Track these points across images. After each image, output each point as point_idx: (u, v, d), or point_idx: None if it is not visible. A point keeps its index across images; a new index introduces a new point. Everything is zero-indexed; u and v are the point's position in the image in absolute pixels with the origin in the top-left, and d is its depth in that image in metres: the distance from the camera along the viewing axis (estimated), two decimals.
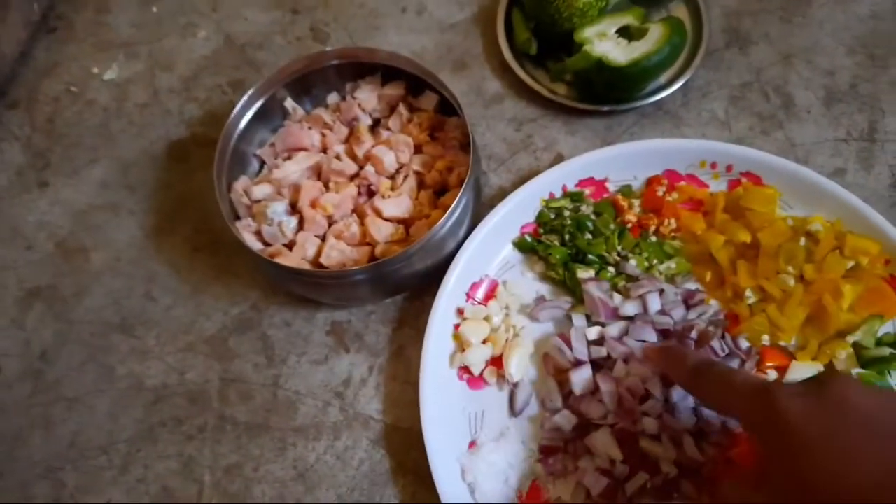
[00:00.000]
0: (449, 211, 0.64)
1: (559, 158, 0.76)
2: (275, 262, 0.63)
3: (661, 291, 0.65)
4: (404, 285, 0.70)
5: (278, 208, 0.68)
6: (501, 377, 0.66)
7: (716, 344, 0.62)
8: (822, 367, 0.63)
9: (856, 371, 0.62)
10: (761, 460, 0.48)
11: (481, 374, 0.66)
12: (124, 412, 0.69)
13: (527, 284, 0.70)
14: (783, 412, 0.44)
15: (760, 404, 0.46)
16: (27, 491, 0.66)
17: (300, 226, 0.69)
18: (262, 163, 0.76)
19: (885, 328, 0.64)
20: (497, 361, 0.67)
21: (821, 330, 0.64)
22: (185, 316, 0.73)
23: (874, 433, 0.42)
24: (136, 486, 0.66)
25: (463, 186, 0.64)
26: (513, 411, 0.65)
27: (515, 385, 0.65)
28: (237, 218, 0.70)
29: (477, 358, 0.65)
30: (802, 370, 0.63)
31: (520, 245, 0.71)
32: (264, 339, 0.71)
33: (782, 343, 0.65)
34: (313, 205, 0.69)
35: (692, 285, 0.68)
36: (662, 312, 0.64)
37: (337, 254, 0.67)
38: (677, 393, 0.60)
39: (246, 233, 0.68)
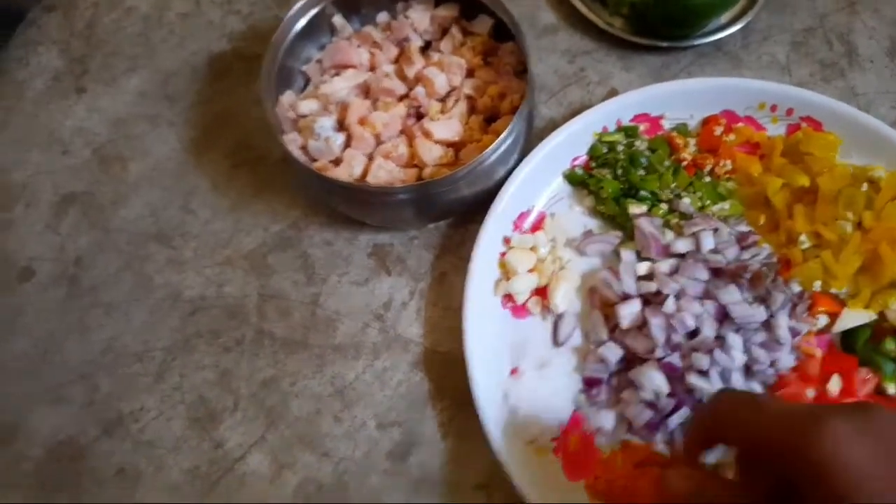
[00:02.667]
0: (502, 136, 0.62)
1: (612, 93, 0.74)
2: (322, 174, 0.62)
3: (716, 230, 0.64)
4: (449, 210, 0.68)
5: (326, 123, 0.67)
6: (545, 308, 0.65)
7: (769, 286, 0.61)
8: (875, 315, 0.62)
9: None
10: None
11: (525, 303, 0.65)
12: (160, 322, 0.68)
13: (575, 218, 0.69)
14: (828, 435, 0.37)
15: (801, 426, 0.38)
16: (61, 393, 0.66)
17: (347, 143, 0.68)
18: (307, 81, 0.74)
19: None
20: (541, 292, 0.66)
21: (875, 279, 0.63)
22: (224, 230, 0.71)
23: None
24: (172, 394, 0.65)
25: (517, 112, 0.63)
26: (556, 342, 0.64)
27: (560, 316, 0.65)
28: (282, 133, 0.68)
29: (522, 286, 0.64)
30: (854, 317, 0.62)
31: (570, 178, 0.69)
32: (304, 257, 0.70)
33: (834, 290, 0.64)
34: (361, 122, 0.67)
35: (745, 228, 0.66)
36: (715, 251, 0.63)
37: (384, 173, 0.66)
38: (729, 331, 0.59)
39: (292, 147, 0.66)
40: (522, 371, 0.63)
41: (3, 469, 0.63)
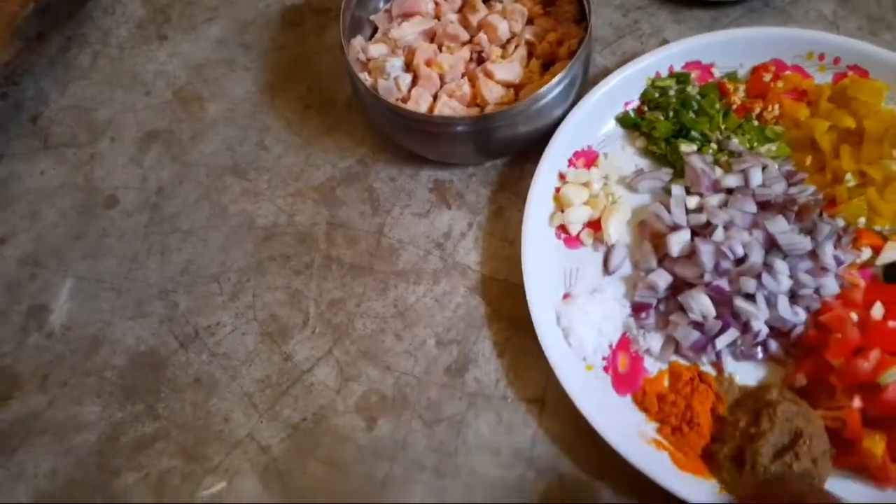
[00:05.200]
0: (560, 75, 0.66)
1: (665, 44, 0.77)
2: (392, 105, 0.66)
3: (764, 167, 0.67)
4: (506, 147, 0.72)
5: (396, 63, 0.71)
6: (597, 239, 0.69)
7: (815, 217, 0.64)
8: None
9: None
10: None
11: (578, 234, 0.69)
12: (235, 246, 0.73)
13: (627, 157, 0.72)
14: None
15: None
16: (143, 308, 0.71)
17: (413, 83, 0.72)
18: (375, 30, 0.78)
19: None
20: (594, 224, 0.69)
21: None
22: (296, 165, 0.76)
23: None
24: (245, 312, 0.70)
25: (576, 55, 0.67)
26: (607, 270, 0.68)
27: (611, 246, 0.68)
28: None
29: (576, 217, 0.68)
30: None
31: (623, 120, 0.73)
32: (370, 190, 0.74)
33: (878, 227, 0.66)
34: (428, 64, 0.72)
35: (791, 168, 0.69)
36: (763, 186, 0.66)
37: (448, 110, 0.70)
38: (776, 258, 0.62)
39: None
40: (575, 296, 0.66)
41: (89, 376, 0.68)
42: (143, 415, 0.67)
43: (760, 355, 0.63)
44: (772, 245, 0.63)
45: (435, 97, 0.72)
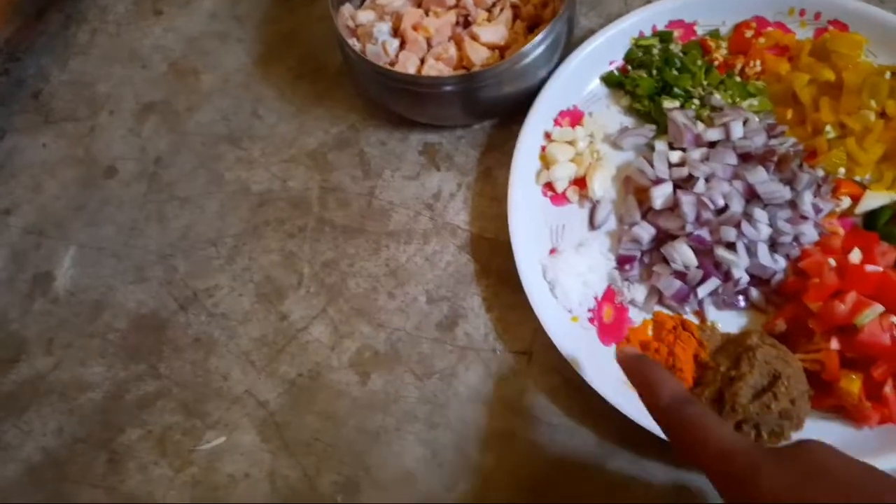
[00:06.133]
0: (541, 35, 0.67)
1: (648, 4, 0.78)
2: (381, 68, 0.68)
3: (745, 121, 0.68)
4: (493, 108, 0.74)
5: (383, 28, 0.73)
6: (583, 196, 0.70)
7: (794, 168, 0.65)
8: (895, 196, 0.66)
9: None
10: None
11: (564, 192, 0.70)
12: (231, 212, 0.75)
13: (612, 116, 0.74)
14: (765, 479, 0.41)
15: (738, 468, 0.43)
16: (143, 273, 0.73)
17: (401, 48, 0.74)
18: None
19: None
20: (579, 182, 0.71)
21: None
22: (289, 133, 0.78)
23: (850, 501, 0.39)
24: (242, 274, 0.72)
25: (557, 14, 0.68)
26: (592, 225, 0.69)
27: (596, 202, 0.70)
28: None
29: (561, 174, 0.70)
30: (875, 199, 0.66)
31: (608, 79, 0.74)
32: (361, 155, 0.76)
33: (857, 178, 0.67)
34: (415, 28, 0.73)
35: (772, 122, 0.71)
36: (744, 139, 0.67)
37: (435, 73, 0.71)
38: (756, 207, 0.64)
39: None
40: (561, 251, 0.68)
41: (92, 338, 0.71)
42: (145, 374, 0.69)
43: (742, 303, 0.64)
44: (752, 195, 0.65)
45: (422, 61, 0.73)
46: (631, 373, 0.53)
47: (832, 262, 0.62)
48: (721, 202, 0.64)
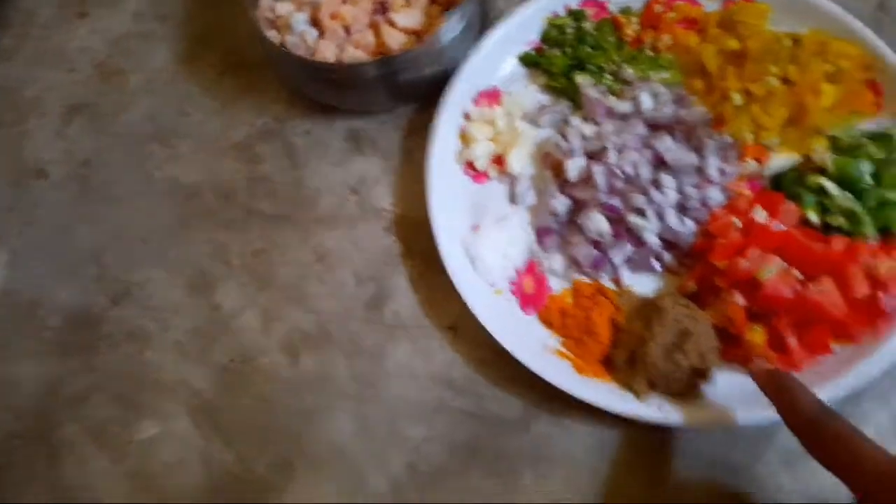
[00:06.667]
0: (455, 14, 0.69)
1: None
2: (301, 58, 0.69)
3: (656, 94, 0.70)
4: (414, 92, 0.75)
5: (300, 18, 0.74)
6: (503, 173, 0.72)
7: (701, 135, 0.67)
8: (800, 157, 0.68)
9: (830, 158, 0.66)
10: None
11: (484, 170, 0.72)
12: (161, 208, 0.76)
13: (529, 95, 0.76)
14: None
15: (891, 487, 0.43)
16: (75, 271, 0.74)
17: (320, 37, 0.75)
18: None
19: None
20: (499, 160, 0.72)
21: (801, 127, 0.69)
22: (215, 128, 0.79)
23: None
24: (173, 267, 0.73)
25: None
26: (513, 200, 0.71)
27: (515, 178, 0.71)
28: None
29: (481, 152, 0.71)
30: (781, 161, 0.68)
31: (524, 59, 0.76)
32: (287, 145, 0.77)
33: (764, 142, 0.70)
34: (333, 17, 0.75)
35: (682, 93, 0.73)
36: (653, 110, 0.70)
37: (354, 60, 0.73)
38: (664, 174, 0.66)
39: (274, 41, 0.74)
40: (483, 227, 0.70)
41: (28, 337, 0.71)
42: (80, 369, 0.70)
43: (656, 267, 0.67)
44: (660, 163, 0.67)
45: (341, 49, 0.75)
46: (767, 387, 0.54)
47: (737, 222, 0.64)
48: (631, 171, 0.66)
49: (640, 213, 0.65)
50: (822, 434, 0.48)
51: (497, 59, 0.75)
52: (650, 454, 0.62)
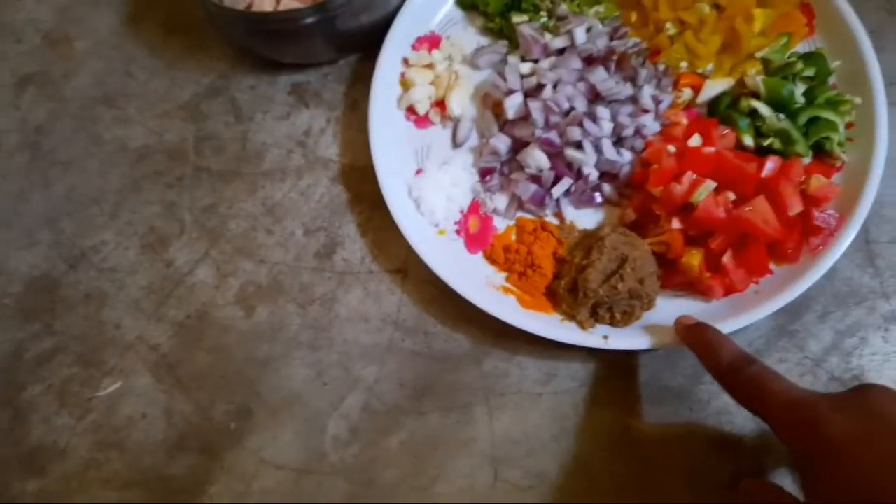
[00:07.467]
0: None
1: None
2: (239, 10, 0.70)
3: (589, 29, 0.71)
4: (354, 41, 0.76)
5: None
6: (445, 117, 0.73)
7: (635, 65, 0.68)
8: (734, 82, 0.68)
9: (761, 79, 0.67)
10: (800, 469, 0.50)
11: (426, 114, 0.73)
12: (111, 170, 0.77)
13: (468, 38, 0.76)
14: (824, 426, 0.45)
15: (800, 418, 0.47)
16: (32, 237, 0.75)
17: None
18: None
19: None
20: (441, 104, 0.73)
21: (734, 53, 0.69)
22: (162, 88, 0.80)
23: None
24: (126, 228, 0.74)
25: None
26: (455, 143, 0.72)
27: (457, 120, 0.72)
28: None
29: (421, 95, 0.72)
30: (715, 87, 0.69)
31: (461, 2, 0.76)
32: (233, 101, 0.78)
33: (700, 70, 0.70)
34: None
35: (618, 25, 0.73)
36: (588, 44, 0.70)
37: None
38: (599, 106, 0.66)
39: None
40: (426, 170, 0.70)
41: None
42: (41, 333, 0.71)
43: (597, 199, 0.68)
44: (595, 95, 0.67)
45: (278, 2, 0.75)
46: (689, 341, 0.57)
47: (671, 148, 0.65)
48: (566, 105, 0.67)
49: (578, 146, 0.66)
50: (739, 378, 0.52)
51: (433, 5, 0.76)
52: (598, 383, 0.64)
